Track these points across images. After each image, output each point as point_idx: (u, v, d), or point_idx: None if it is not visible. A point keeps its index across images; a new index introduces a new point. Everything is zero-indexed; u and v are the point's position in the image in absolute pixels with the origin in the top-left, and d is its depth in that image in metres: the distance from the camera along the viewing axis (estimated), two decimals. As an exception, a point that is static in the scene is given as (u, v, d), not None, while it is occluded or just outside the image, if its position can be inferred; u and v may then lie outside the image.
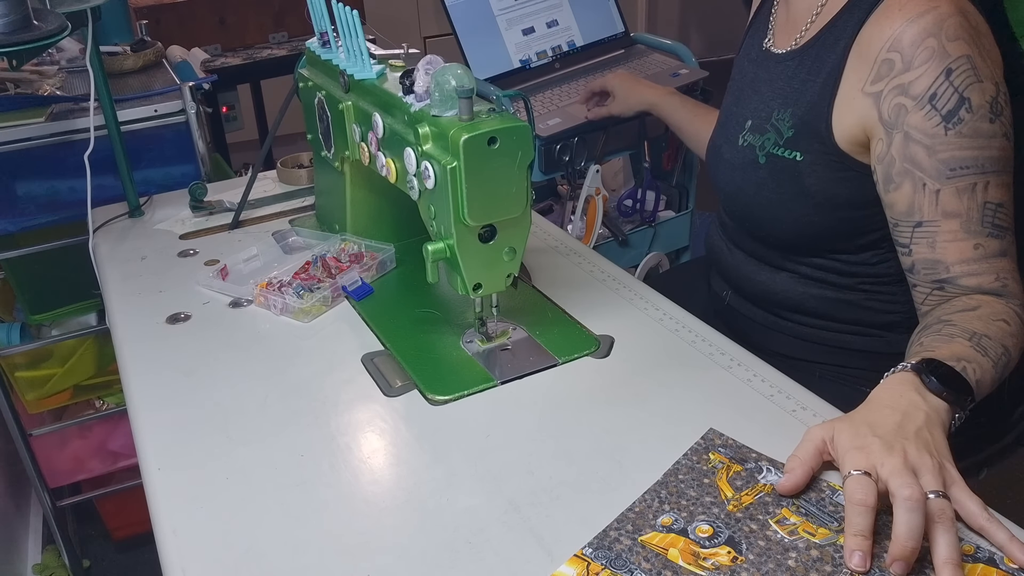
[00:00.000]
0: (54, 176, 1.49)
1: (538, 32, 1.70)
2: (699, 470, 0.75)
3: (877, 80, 0.88)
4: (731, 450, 0.77)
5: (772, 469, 0.74)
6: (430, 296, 1.06)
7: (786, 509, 0.70)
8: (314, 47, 1.14)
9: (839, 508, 0.69)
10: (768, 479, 0.73)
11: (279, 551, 0.70)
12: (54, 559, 1.80)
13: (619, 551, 0.67)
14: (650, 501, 0.72)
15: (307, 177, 1.42)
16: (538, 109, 1.59)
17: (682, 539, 0.68)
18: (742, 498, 0.71)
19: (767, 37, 1.08)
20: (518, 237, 0.88)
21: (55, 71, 1.71)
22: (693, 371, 0.90)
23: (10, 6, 1.00)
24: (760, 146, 1.01)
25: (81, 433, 1.75)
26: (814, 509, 0.70)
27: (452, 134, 0.80)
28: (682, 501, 0.72)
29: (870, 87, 0.89)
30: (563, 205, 1.74)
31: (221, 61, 2.25)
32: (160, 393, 0.92)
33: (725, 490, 0.72)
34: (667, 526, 0.69)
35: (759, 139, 1.01)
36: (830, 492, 0.71)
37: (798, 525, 0.68)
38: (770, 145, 1.00)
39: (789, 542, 0.67)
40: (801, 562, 0.65)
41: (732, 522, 0.69)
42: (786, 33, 1.04)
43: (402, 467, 0.79)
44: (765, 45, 1.07)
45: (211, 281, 1.11)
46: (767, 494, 0.72)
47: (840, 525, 0.68)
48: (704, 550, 0.67)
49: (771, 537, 0.67)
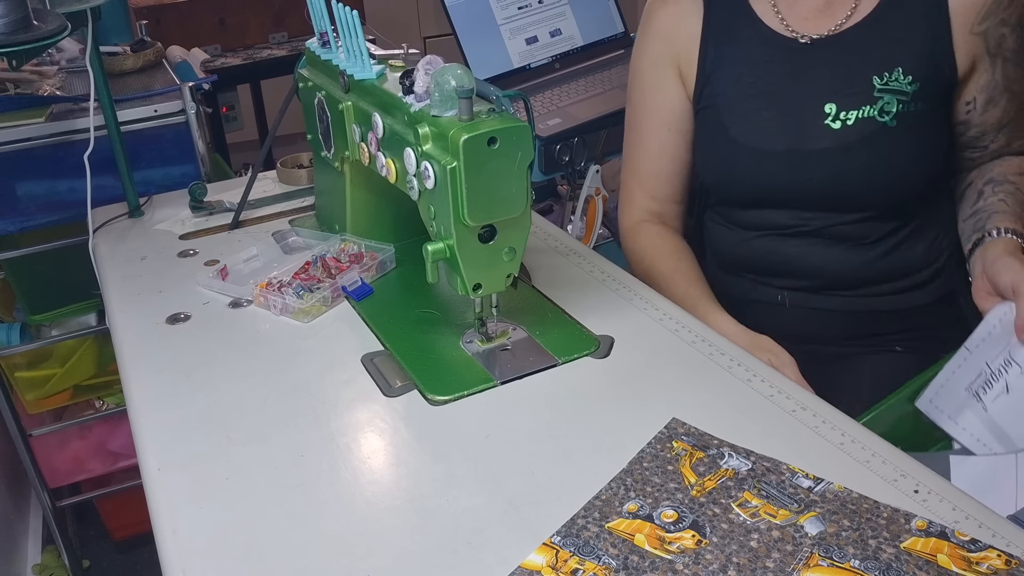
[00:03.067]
0: (54, 176, 1.49)
1: (542, 41, 1.70)
2: (663, 458, 0.76)
3: (984, 19, 1.02)
4: (693, 438, 0.79)
5: (734, 455, 0.76)
6: (430, 296, 1.06)
7: (748, 492, 0.72)
8: (314, 47, 1.14)
9: (799, 490, 0.72)
10: (730, 464, 0.75)
11: (279, 551, 0.70)
12: (54, 559, 1.80)
13: (587, 538, 0.68)
14: (616, 489, 0.73)
15: (307, 177, 1.42)
16: (538, 109, 1.59)
17: (648, 524, 0.69)
18: (705, 483, 0.73)
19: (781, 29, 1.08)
20: (518, 237, 0.88)
21: (55, 71, 1.72)
22: (693, 371, 0.90)
23: (10, 6, 1.00)
24: (881, 111, 1.04)
25: (81, 433, 1.75)
26: (775, 491, 0.72)
27: (452, 134, 0.80)
28: (647, 488, 0.73)
29: (978, 27, 1.02)
30: (563, 205, 1.74)
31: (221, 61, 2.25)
32: (160, 393, 0.91)
33: (688, 476, 0.74)
34: (633, 512, 0.71)
35: (871, 109, 1.04)
36: (790, 475, 0.73)
37: (759, 507, 0.70)
38: (895, 107, 1.04)
39: (751, 524, 0.69)
40: (763, 543, 0.67)
41: (696, 507, 0.71)
42: (819, 16, 1.07)
43: (402, 467, 0.79)
44: (791, 36, 1.07)
45: (211, 281, 1.11)
46: (729, 479, 0.74)
47: (799, 507, 0.70)
48: (669, 534, 0.68)
49: (734, 520, 0.69)
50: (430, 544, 0.69)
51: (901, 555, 0.65)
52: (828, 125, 1.06)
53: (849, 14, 1.06)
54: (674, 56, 1.15)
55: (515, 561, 0.67)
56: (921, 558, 0.65)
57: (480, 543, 0.69)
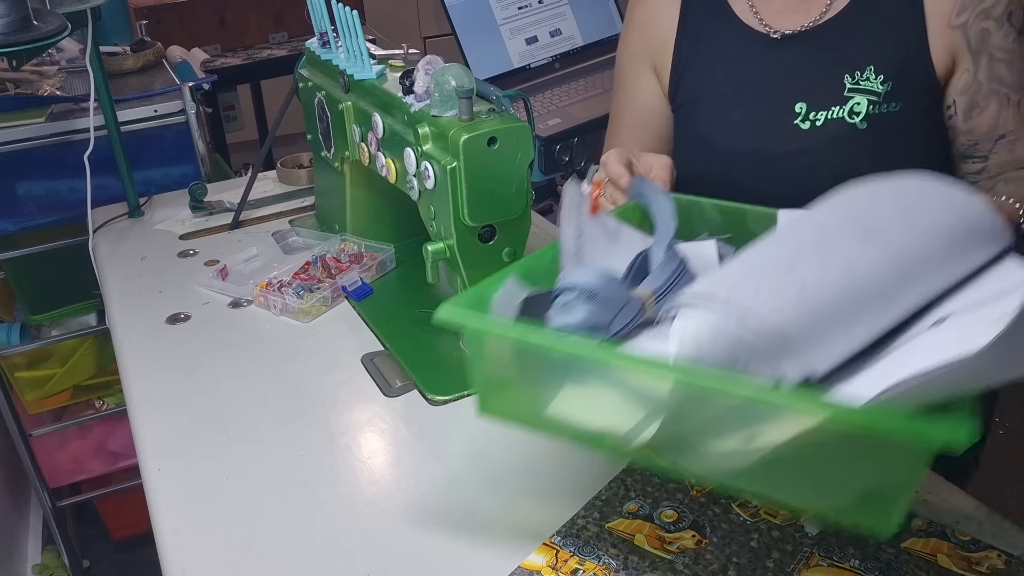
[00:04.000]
0: (54, 176, 1.49)
1: (542, 41, 1.70)
2: None
3: (962, 11, 0.93)
4: None
5: None
6: (430, 296, 1.06)
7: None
8: (314, 47, 1.14)
9: None
10: None
11: (279, 551, 0.70)
12: (54, 559, 1.80)
13: (587, 538, 0.68)
14: (616, 488, 0.73)
15: (307, 177, 1.42)
16: (538, 109, 1.59)
17: (648, 524, 0.70)
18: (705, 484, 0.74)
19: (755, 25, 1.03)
20: (518, 237, 0.88)
21: (55, 71, 1.72)
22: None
23: (10, 6, 1.00)
24: (850, 112, 0.99)
25: (81, 433, 1.75)
26: None
27: (452, 134, 0.80)
28: (647, 488, 0.73)
29: (956, 20, 0.94)
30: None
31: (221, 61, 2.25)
32: (160, 393, 0.91)
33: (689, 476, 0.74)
34: (633, 512, 0.71)
35: (840, 110, 0.99)
36: None
37: (760, 508, 0.70)
38: (865, 108, 0.99)
39: (751, 524, 0.69)
40: (763, 543, 0.67)
41: (696, 507, 0.71)
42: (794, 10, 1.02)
43: (402, 467, 0.79)
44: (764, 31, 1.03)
45: (211, 281, 1.11)
46: None
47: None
48: (669, 534, 0.68)
49: (734, 520, 0.70)
50: (430, 544, 0.69)
51: (901, 555, 0.65)
52: (797, 125, 1.01)
53: (824, 10, 1.00)
54: (650, 51, 1.13)
55: (515, 561, 0.67)
56: (921, 558, 0.65)
57: (480, 543, 0.69)
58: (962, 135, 0.98)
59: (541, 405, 0.61)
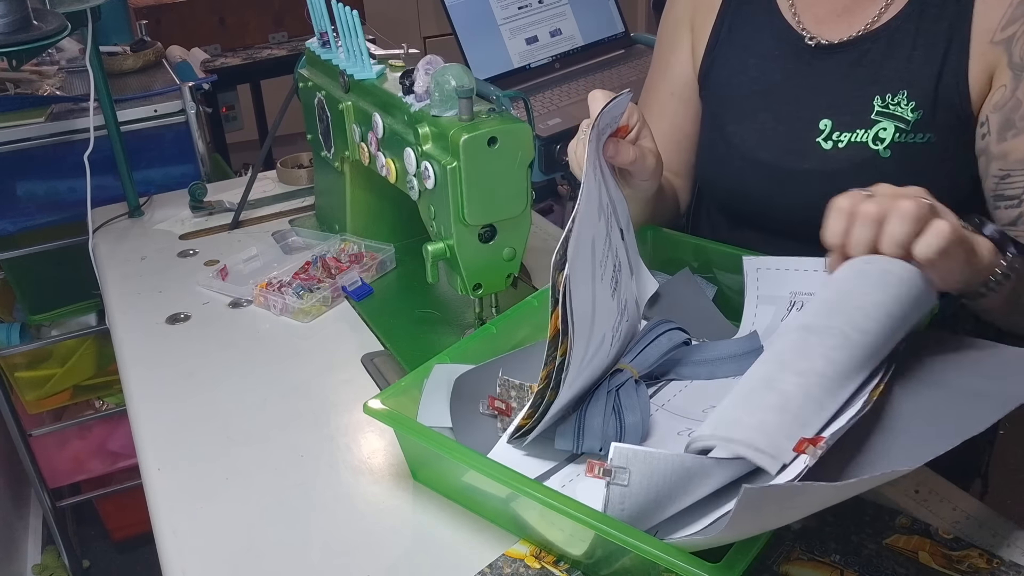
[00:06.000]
0: (54, 176, 1.49)
1: (542, 41, 1.70)
2: None
3: (1010, 23, 0.85)
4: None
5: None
6: (430, 296, 1.06)
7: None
8: (314, 47, 1.14)
9: None
10: None
11: (279, 551, 0.70)
12: (54, 559, 1.80)
13: None
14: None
15: (307, 177, 1.42)
16: (538, 109, 1.59)
17: None
18: None
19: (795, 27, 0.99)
20: (518, 237, 0.88)
21: (55, 71, 1.72)
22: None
23: (10, 6, 1.00)
24: (874, 139, 0.93)
25: (81, 433, 1.75)
26: None
27: (452, 134, 0.80)
28: None
29: (1000, 34, 0.85)
30: (563, 205, 1.74)
31: (221, 61, 2.25)
32: (160, 393, 0.91)
33: None
34: None
35: (865, 134, 0.93)
36: None
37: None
38: (891, 135, 0.92)
39: None
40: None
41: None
42: (836, 20, 0.96)
43: (402, 467, 0.79)
44: (803, 38, 0.98)
45: (211, 281, 1.11)
46: None
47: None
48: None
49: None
50: (430, 544, 0.69)
51: (883, 551, 0.65)
52: (819, 144, 0.95)
53: (870, 23, 0.93)
54: (692, 19, 1.08)
55: (500, 549, 0.67)
56: (902, 555, 0.65)
57: (481, 543, 0.69)
58: (995, 161, 0.87)
59: (456, 485, 0.73)
